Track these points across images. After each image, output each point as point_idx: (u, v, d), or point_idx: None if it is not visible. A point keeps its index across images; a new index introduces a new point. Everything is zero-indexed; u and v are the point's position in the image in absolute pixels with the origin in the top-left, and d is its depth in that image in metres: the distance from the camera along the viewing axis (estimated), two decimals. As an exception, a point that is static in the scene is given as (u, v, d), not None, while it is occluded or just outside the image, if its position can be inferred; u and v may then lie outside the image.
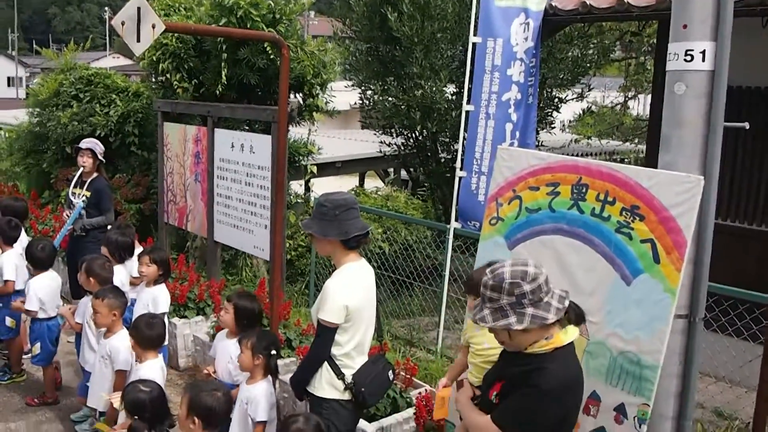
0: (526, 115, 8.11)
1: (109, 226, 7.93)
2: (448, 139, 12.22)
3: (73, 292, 8.07)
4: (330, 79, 10.25)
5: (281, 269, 6.88)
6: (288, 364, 6.47)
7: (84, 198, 7.86)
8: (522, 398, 3.13)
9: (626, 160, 18.26)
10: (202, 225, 8.75)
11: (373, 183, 20.95)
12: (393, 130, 13.13)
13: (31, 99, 12.93)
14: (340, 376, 4.24)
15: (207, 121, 8.46)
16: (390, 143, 13.33)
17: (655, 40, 12.89)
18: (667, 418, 4.02)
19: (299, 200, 12.07)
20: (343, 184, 18.66)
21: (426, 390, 5.92)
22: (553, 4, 8.02)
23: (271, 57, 9.06)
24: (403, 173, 18.42)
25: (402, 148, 13.19)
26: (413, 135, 12.79)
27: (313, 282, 9.43)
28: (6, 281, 7.02)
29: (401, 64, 11.50)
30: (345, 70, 13.06)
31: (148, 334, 4.97)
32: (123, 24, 4.67)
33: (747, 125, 4.10)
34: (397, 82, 11.73)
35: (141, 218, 11.08)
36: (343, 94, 13.25)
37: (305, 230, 4.29)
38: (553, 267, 4.13)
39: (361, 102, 13.58)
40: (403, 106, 11.65)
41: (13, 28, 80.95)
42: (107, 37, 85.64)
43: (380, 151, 13.94)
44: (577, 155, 4.86)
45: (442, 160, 12.58)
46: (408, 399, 5.75)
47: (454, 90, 11.93)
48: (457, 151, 8.30)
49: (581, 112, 17.14)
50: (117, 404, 4.71)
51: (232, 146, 8.01)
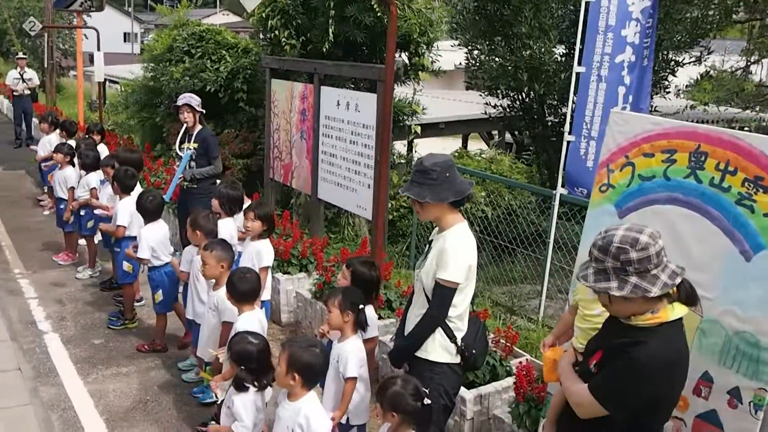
0: (640, 78, 7.84)
1: (217, 180, 8.10)
2: (555, 102, 12.00)
3: (184, 243, 8.29)
4: (436, 38, 10.16)
5: (383, 229, 6.91)
6: (387, 326, 6.51)
7: (192, 149, 8.03)
8: (616, 371, 3.05)
9: (746, 128, 17.52)
10: (306, 182, 8.84)
11: (476, 145, 20.80)
12: (499, 91, 12.95)
13: (146, 54, 13.28)
14: (453, 339, 4.20)
15: (313, 78, 8.50)
16: (495, 105, 13.17)
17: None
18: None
19: (402, 160, 12.07)
20: (446, 146, 18.56)
21: (527, 359, 5.84)
22: (673, -39, 7.71)
23: (378, 15, 9.03)
24: (508, 136, 18.21)
25: (507, 110, 13.02)
26: (520, 97, 12.60)
27: (414, 243, 9.44)
28: (118, 226, 7.34)
29: (509, 24, 11.31)
30: (452, 29, 12.92)
31: (241, 288, 5.03)
32: (236, -18, 4.70)
33: None
34: (505, 42, 11.55)
35: (247, 174, 11.28)
36: (448, 54, 13.12)
37: (419, 199, 4.11)
38: (666, 238, 3.97)
39: (466, 62, 13.44)
40: (510, 67, 11.48)
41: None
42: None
43: (485, 113, 13.79)
44: (692, 122, 4.68)
45: (549, 123, 12.37)
46: (508, 368, 5.69)
47: (564, 51, 11.68)
48: (565, 114, 8.12)
49: (698, 76, 16.48)
50: (223, 359, 4.83)
51: (338, 104, 8.04)
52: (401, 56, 10.00)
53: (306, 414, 3.91)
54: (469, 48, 12.81)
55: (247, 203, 6.95)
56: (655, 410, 3.12)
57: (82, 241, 9.26)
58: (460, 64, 15.88)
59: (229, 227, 6.50)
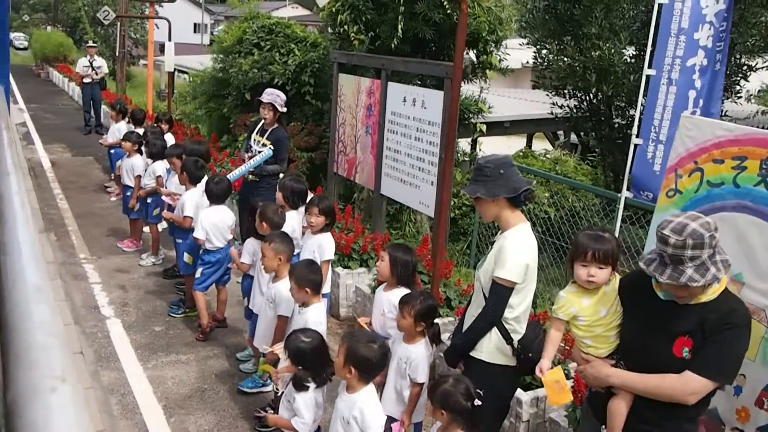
0: (711, 82, 7.67)
1: (280, 175, 8.16)
2: (623, 104, 11.82)
3: (244, 235, 8.38)
4: (505, 36, 10.10)
5: (445, 227, 6.88)
6: (446, 324, 6.48)
7: (269, 148, 8.09)
8: (726, 343, 3.15)
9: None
10: (369, 177, 8.85)
11: (540, 145, 20.62)
12: (566, 91, 12.82)
13: (216, 45, 13.46)
14: (509, 340, 4.16)
15: (381, 73, 8.50)
16: (562, 105, 13.03)
17: None
18: None
19: (466, 158, 12.02)
20: (511, 145, 18.45)
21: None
22: (751, -36, 7.53)
23: (447, 12, 8.99)
24: (573, 137, 18.01)
25: (574, 110, 12.87)
26: (587, 98, 12.45)
27: (475, 242, 9.39)
28: (185, 217, 7.42)
29: (579, 24, 11.18)
30: (520, 28, 12.83)
31: (312, 278, 5.04)
32: (307, -25, 4.72)
33: None
34: (574, 42, 11.42)
35: (311, 167, 11.35)
36: (515, 52, 13.03)
37: (471, 195, 4.16)
38: (733, 245, 3.90)
39: (534, 61, 13.32)
40: (578, 67, 11.35)
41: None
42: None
43: (551, 113, 13.66)
44: (763, 128, 4.55)
45: (616, 125, 12.20)
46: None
47: (634, 52, 11.50)
48: (632, 116, 8.00)
49: (771, 81, 16.12)
50: (281, 353, 4.85)
51: (404, 100, 8.02)
52: (469, 54, 9.95)
53: (361, 407, 3.92)
54: (538, 47, 12.70)
55: (309, 197, 6.98)
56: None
57: (147, 228, 9.42)
58: (527, 62, 15.76)
59: (291, 220, 6.53)
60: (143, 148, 9.26)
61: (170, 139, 10.06)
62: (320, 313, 5.09)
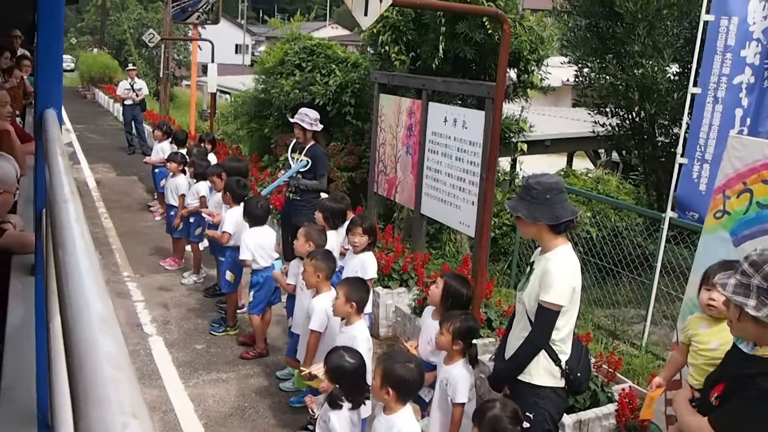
0: (759, 100, 7.57)
1: (321, 193, 8.20)
2: (667, 122, 11.70)
3: (286, 253, 8.42)
4: (546, 55, 10.09)
5: (486, 247, 6.86)
6: (487, 345, 6.44)
7: (306, 161, 8.15)
8: (744, 402, 2.97)
9: None
10: (410, 197, 8.86)
11: (581, 164, 20.49)
12: (608, 109, 12.73)
13: (258, 66, 13.60)
14: (558, 362, 4.12)
15: (421, 94, 8.52)
16: (604, 123, 12.93)
17: None
18: None
19: (506, 178, 11.99)
20: (552, 163, 18.34)
21: (629, 387, 5.69)
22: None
23: (489, 32, 9.00)
24: (615, 156, 17.86)
25: (616, 129, 12.77)
26: (629, 116, 12.34)
27: (516, 262, 9.33)
28: (223, 232, 7.53)
29: (622, 41, 11.10)
30: (562, 46, 12.79)
31: (360, 296, 5.05)
32: (352, -2, 4.77)
33: None
34: (616, 59, 11.34)
35: (351, 186, 11.39)
36: (556, 70, 12.99)
37: (513, 212, 4.17)
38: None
39: (576, 79, 13.26)
40: (620, 85, 11.26)
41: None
42: (327, 8, 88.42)
43: (593, 131, 13.57)
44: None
45: (659, 144, 12.07)
46: (609, 394, 5.54)
47: (677, 70, 11.39)
48: (676, 135, 7.92)
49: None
50: (320, 374, 4.86)
51: (445, 120, 8.03)
52: (510, 73, 9.94)
53: (399, 428, 3.91)
54: (579, 65, 12.62)
55: (348, 217, 7.00)
56: None
57: (189, 247, 9.52)
58: (568, 80, 15.70)
59: (330, 241, 6.55)
60: (187, 168, 9.38)
61: (213, 159, 10.18)
62: (366, 330, 5.12)
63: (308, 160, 8.14)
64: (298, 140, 8.28)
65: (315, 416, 4.96)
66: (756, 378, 2.93)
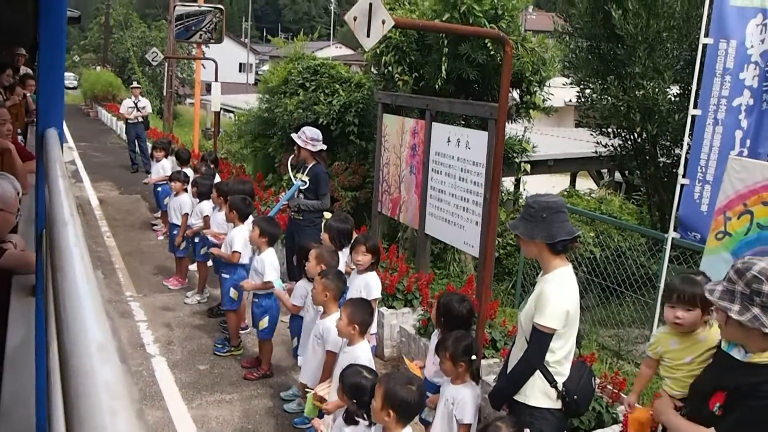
0: (758, 122, 7.60)
1: (325, 213, 8.19)
2: (668, 143, 11.72)
3: (290, 273, 8.41)
4: (549, 76, 10.11)
5: (490, 267, 6.84)
6: (491, 365, 6.41)
7: (304, 182, 8.14)
8: (751, 412, 3.03)
9: None
10: (414, 217, 8.85)
11: (584, 184, 20.50)
12: (610, 130, 12.76)
13: (261, 86, 13.64)
14: (553, 383, 4.11)
15: (425, 114, 8.54)
16: (606, 144, 12.96)
17: None
18: None
19: (510, 198, 11.99)
20: (555, 183, 18.35)
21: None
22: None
23: (491, 53, 9.02)
24: (618, 176, 17.87)
25: (618, 149, 12.79)
26: (631, 137, 12.38)
27: (520, 282, 9.31)
28: (234, 252, 7.48)
29: (623, 63, 11.15)
30: (564, 67, 12.83)
31: (363, 318, 5.03)
32: (355, 19, 4.78)
33: None
34: (618, 81, 11.38)
35: (355, 206, 11.39)
36: (558, 91, 13.02)
37: (512, 230, 4.19)
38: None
39: (578, 100, 13.29)
40: (622, 106, 11.29)
41: (247, 17, 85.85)
42: (331, 27, 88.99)
43: (595, 152, 13.60)
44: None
45: (661, 164, 12.08)
46: (614, 414, 5.52)
47: (678, 91, 11.42)
48: (678, 155, 7.93)
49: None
50: (325, 394, 4.83)
51: (449, 140, 8.04)
52: (513, 93, 9.96)
53: (400, 451, 3.89)
54: (581, 86, 12.67)
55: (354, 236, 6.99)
56: None
57: (193, 267, 9.50)
58: (570, 101, 15.73)
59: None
60: (190, 187, 9.38)
61: (216, 178, 10.18)
62: (369, 352, 5.09)
63: (304, 181, 8.13)
64: (295, 157, 8.28)
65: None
66: (760, 386, 3.01)
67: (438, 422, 4.63)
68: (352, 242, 6.49)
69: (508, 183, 12.97)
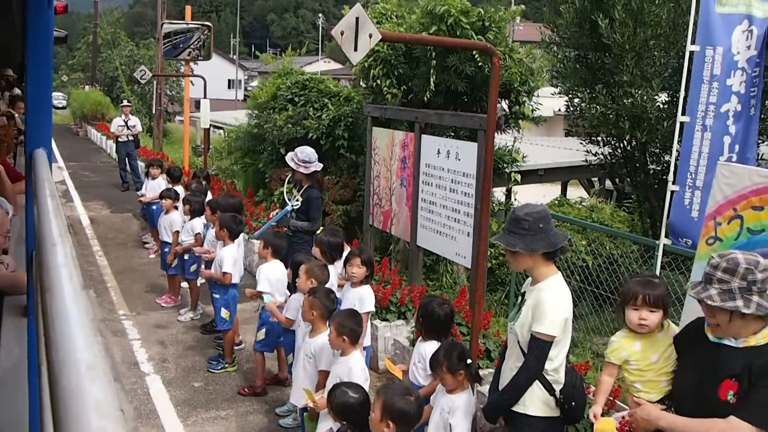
0: (746, 127, 7.64)
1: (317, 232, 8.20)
2: (658, 150, 11.74)
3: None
4: (537, 87, 10.15)
5: (483, 278, 6.84)
6: (486, 375, 6.41)
7: (297, 202, 8.13)
8: None
9: None
10: (405, 229, 8.86)
11: (575, 192, 20.55)
12: (600, 138, 12.79)
13: (251, 102, 13.67)
14: (552, 391, 4.12)
15: (414, 126, 8.55)
16: (596, 152, 12.99)
17: None
18: None
19: (501, 208, 12.01)
20: (546, 193, 18.38)
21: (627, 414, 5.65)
22: (782, 9, 7.50)
23: (479, 64, 9.05)
24: (608, 184, 17.92)
25: (608, 157, 12.82)
26: (621, 144, 12.39)
27: (513, 292, 9.30)
28: (224, 273, 7.44)
29: (611, 72, 11.18)
30: (552, 77, 12.87)
31: (352, 328, 5.04)
32: (342, 33, 4.80)
33: None
34: (606, 89, 11.39)
35: (347, 219, 11.39)
36: (547, 100, 13.06)
37: (509, 248, 4.10)
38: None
39: (567, 109, 13.32)
40: (611, 115, 11.31)
41: (235, 33, 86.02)
42: (319, 42, 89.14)
43: (585, 161, 13.62)
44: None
45: (651, 171, 12.10)
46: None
47: (666, 99, 11.46)
48: (667, 162, 7.96)
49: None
50: (318, 401, 4.83)
51: (438, 152, 8.06)
52: (502, 104, 9.99)
53: (399, 461, 3.89)
54: (570, 96, 12.68)
55: (345, 250, 6.99)
56: None
57: (185, 284, 9.48)
58: (560, 110, 15.77)
59: (330, 274, 6.54)
60: (182, 204, 9.37)
61: (208, 195, 10.17)
62: (362, 361, 5.10)
63: (293, 206, 8.12)
64: (291, 176, 8.31)
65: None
66: None
67: (432, 430, 4.63)
68: (346, 255, 6.49)
69: (499, 193, 12.98)
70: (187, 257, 9.00)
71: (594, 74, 11.75)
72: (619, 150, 12.49)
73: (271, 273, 6.84)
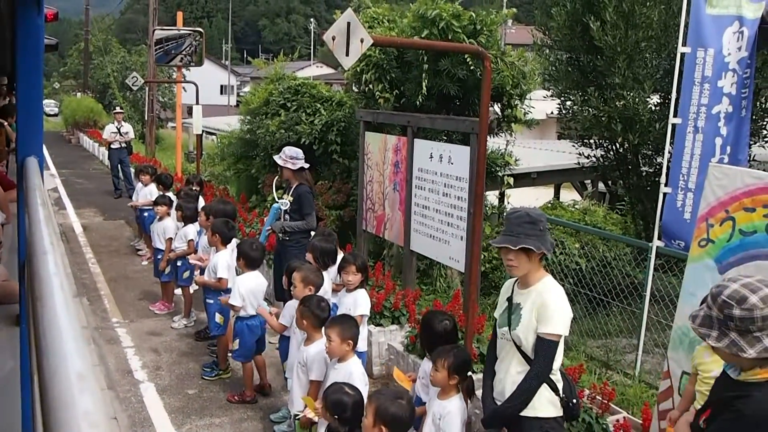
0: (737, 128, 7.67)
1: (312, 232, 8.17)
2: (650, 152, 11.78)
3: (277, 293, 8.38)
4: (529, 90, 10.16)
5: (476, 281, 6.85)
6: (479, 380, 6.39)
7: (286, 202, 8.13)
8: (722, 423, 3.07)
9: None
10: (399, 234, 8.86)
11: (568, 195, 20.57)
12: (592, 141, 12.82)
13: (243, 107, 13.67)
14: (557, 391, 4.12)
15: (407, 131, 8.55)
16: (588, 155, 13.01)
17: None
18: None
19: (494, 211, 12.01)
20: (539, 196, 18.41)
21: (624, 417, 5.66)
22: (772, 11, 7.53)
23: (471, 68, 9.07)
24: (601, 186, 17.95)
25: (601, 160, 12.85)
26: (613, 147, 12.43)
27: (506, 296, 9.31)
28: (219, 278, 7.43)
29: (602, 74, 11.21)
30: (544, 80, 12.89)
31: (355, 332, 5.04)
32: (333, 39, 4.80)
33: None
34: (598, 92, 11.43)
35: (340, 224, 11.38)
36: (540, 103, 13.09)
37: (535, 249, 3.97)
38: (769, 295, 3.86)
39: (559, 112, 13.35)
40: (603, 117, 11.34)
41: (227, 39, 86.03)
42: (312, 47, 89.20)
43: (578, 163, 13.65)
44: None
45: (644, 173, 12.14)
46: (604, 425, 5.50)
47: (658, 101, 11.49)
48: (660, 164, 7.98)
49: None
50: (321, 411, 4.82)
51: (431, 156, 8.06)
52: (494, 108, 10.00)
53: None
54: (562, 98, 12.72)
55: (339, 255, 6.97)
56: None
57: (178, 291, 9.46)
58: (552, 113, 15.79)
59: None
60: (173, 211, 9.35)
61: (201, 202, 10.15)
62: (361, 365, 5.11)
63: (286, 202, 8.11)
64: (279, 178, 8.28)
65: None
66: (734, 401, 3.01)
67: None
68: (341, 262, 6.44)
69: (492, 197, 12.98)
70: (180, 263, 8.98)
71: (586, 77, 11.79)
72: (612, 152, 12.53)
73: (242, 285, 6.80)
